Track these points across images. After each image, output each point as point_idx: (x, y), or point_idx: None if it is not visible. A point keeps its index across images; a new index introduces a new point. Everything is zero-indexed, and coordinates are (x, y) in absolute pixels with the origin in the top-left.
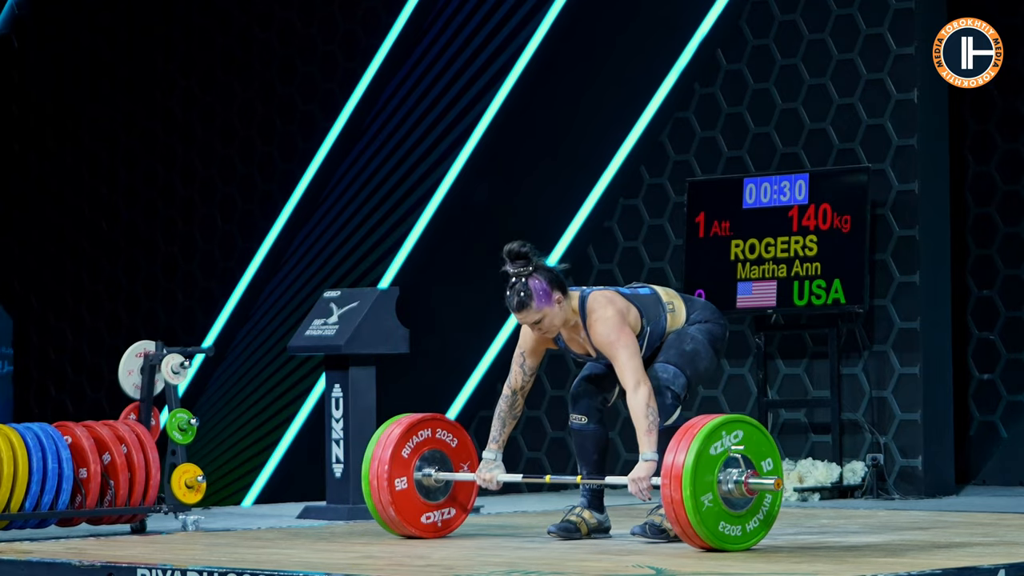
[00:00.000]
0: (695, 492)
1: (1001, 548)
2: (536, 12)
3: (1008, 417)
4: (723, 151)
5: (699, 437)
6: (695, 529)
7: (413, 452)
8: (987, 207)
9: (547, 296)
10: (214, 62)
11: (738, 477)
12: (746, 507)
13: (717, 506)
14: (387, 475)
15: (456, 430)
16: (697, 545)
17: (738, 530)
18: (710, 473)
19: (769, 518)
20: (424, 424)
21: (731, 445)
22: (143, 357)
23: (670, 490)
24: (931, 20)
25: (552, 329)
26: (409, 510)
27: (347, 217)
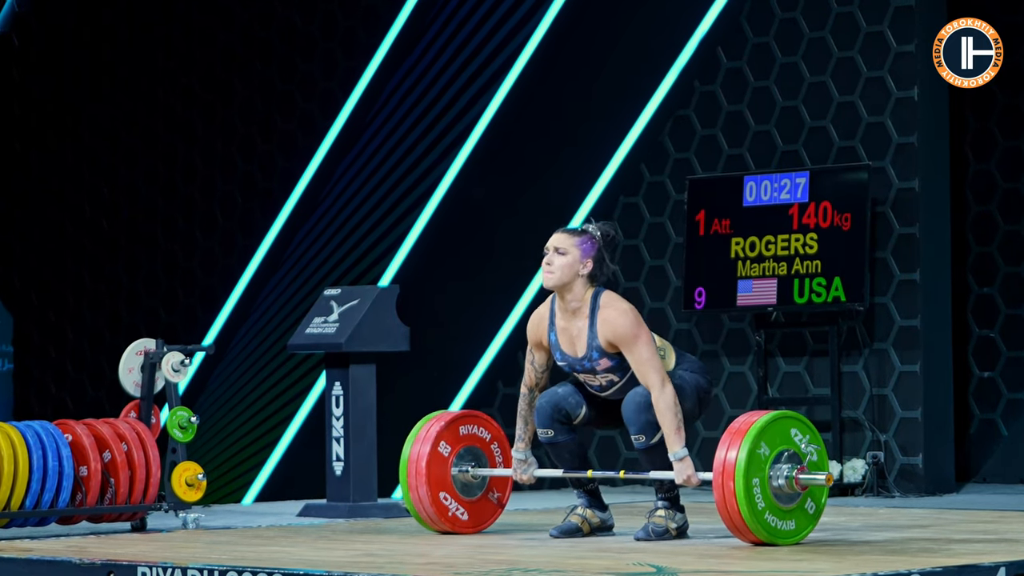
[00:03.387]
0: (747, 488)
1: (1002, 546)
2: (536, 10)
3: (1008, 415)
4: (723, 149)
5: (750, 434)
6: (747, 524)
7: (467, 437)
8: (987, 205)
9: (588, 251)
10: (214, 60)
11: (788, 472)
12: (794, 502)
13: (768, 501)
14: (437, 434)
15: (507, 456)
16: (748, 540)
17: (788, 524)
18: (761, 469)
19: (817, 512)
20: (489, 426)
21: (781, 441)
22: (143, 355)
23: (722, 486)
24: (931, 18)
25: (558, 269)
26: (437, 475)
27: (347, 215)
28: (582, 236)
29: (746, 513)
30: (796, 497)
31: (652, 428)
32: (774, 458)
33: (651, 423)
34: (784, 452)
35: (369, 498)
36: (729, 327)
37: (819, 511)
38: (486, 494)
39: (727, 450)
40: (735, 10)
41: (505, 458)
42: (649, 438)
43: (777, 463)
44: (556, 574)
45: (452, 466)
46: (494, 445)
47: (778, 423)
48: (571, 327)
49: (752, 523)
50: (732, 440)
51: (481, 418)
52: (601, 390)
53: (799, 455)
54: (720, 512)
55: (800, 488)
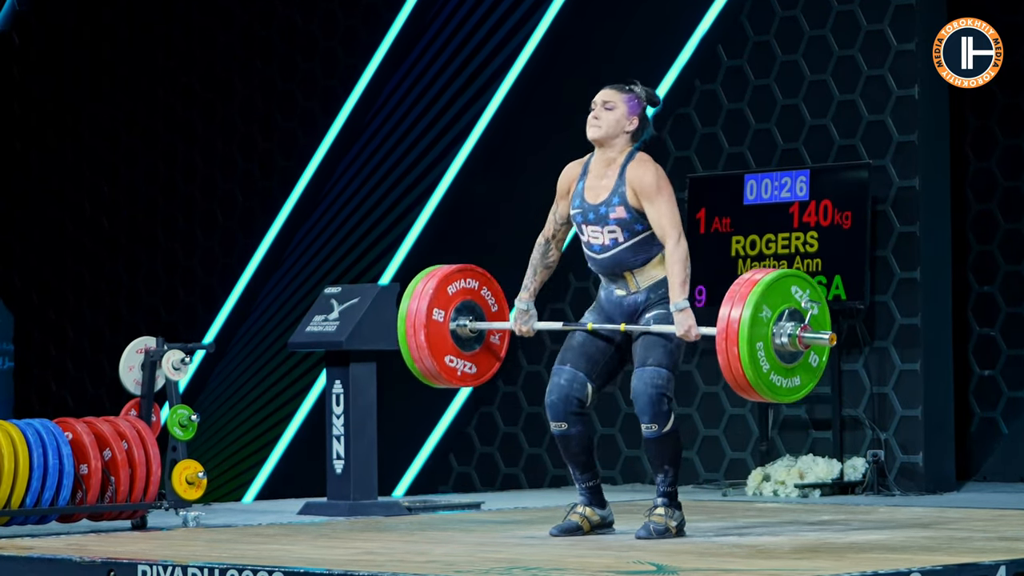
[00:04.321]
0: (751, 352)
1: (1002, 544)
2: (537, 8)
3: (1009, 413)
4: (724, 147)
5: (752, 297)
6: (752, 386)
7: (457, 294)
8: (988, 203)
9: (635, 109)
10: (214, 59)
11: (792, 331)
12: (798, 359)
13: (772, 362)
14: (428, 303)
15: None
16: (752, 398)
17: (792, 382)
18: (764, 332)
19: (821, 366)
20: (474, 274)
21: (783, 300)
22: (144, 353)
23: (726, 351)
24: (932, 16)
25: (605, 123)
26: (438, 344)
27: (348, 213)
28: (630, 94)
29: (751, 376)
30: (799, 354)
31: (664, 418)
32: (776, 317)
33: (663, 413)
34: (786, 310)
35: (369, 496)
36: None
37: (822, 364)
38: (487, 342)
39: (730, 312)
40: (735, 8)
41: (498, 301)
42: (661, 427)
43: (779, 322)
44: (556, 572)
45: (451, 321)
46: (484, 291)
47: (779, 283)
48: (601, 180)
49: (757, 385)
50: (734, 303)
51: (467, 270)
52: (602, 250)
53: (800, 312)
54: (725, 375)
55: (803, 347)
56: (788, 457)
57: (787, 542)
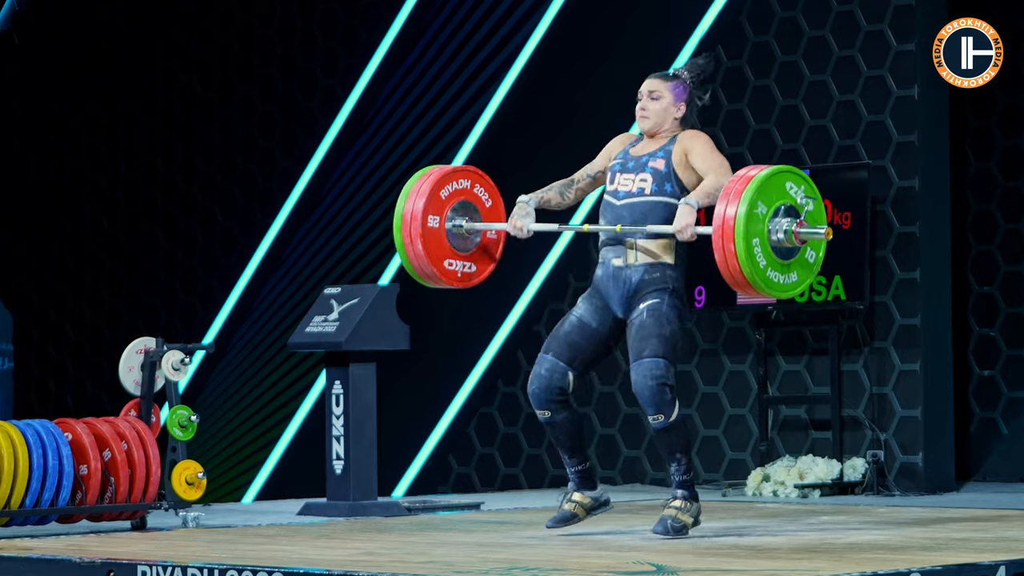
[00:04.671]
0: (748, 248)
1: (1002, 544)
2: (536, 8)
3: (1008, 413)
4: (724, 147)
5: (747, 194)
6: (749, 282)
7: (450, 197)
8: (988, 203)
9: (681, 95)
10: (214, 59)
11: (787, 227)
12: (795, 255)
13: (768, 258)
14: (421, 210)
15: (492, 190)
16: (750, 293)
17: (790, 277)
18: (760, 228)
19: (818, 261)
20: (465, 175)
21: (778, 197)
22: (143, 354)
23: (723, 248)
24: (931, 16)
25: (653, 113)
26: (436, 248)
27: (347, 214)
28: (675, 80)
29: (748, 272)
30: (796, 250)
31: (668, 407)
32: (772, 213)
33: (667, 402)
34: (781, 207)
35: (369, 497)
36: (729, 326)
37: (819, 260)
38: (484, 239)
39: (725, 209)
40: (735, 9)
41: (491, 196)
42: (667, 416)
43: (775, 218)
44: (556, 573)
45: (447, 221)
46: (477, 188)
47: (773, 179)
48: (644, 151)
49: (754, 281)
50: (730, 200)
51: (459, 171)
52: (625, 196)
53: (796, 208)
54: (722, 271)
55: (799, 242)
56: (788, 457)
57: (786, 542)
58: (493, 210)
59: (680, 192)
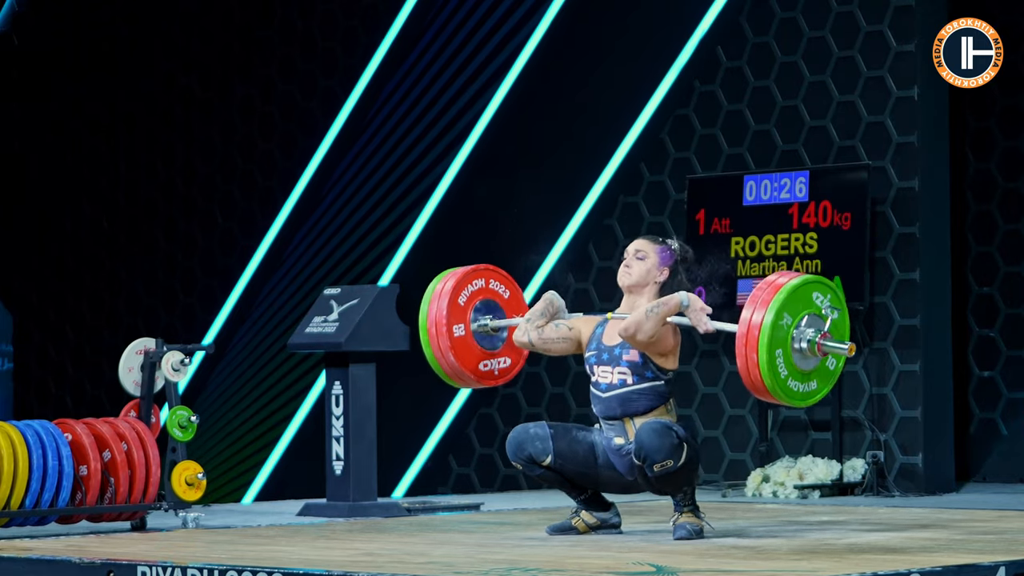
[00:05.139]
0: (771, 359)
1: (1001, 545)
2: (536, 9)
3: (1008, 414)
4: (723, 148)
5: (773, 305)
6: (769, 391)
7: (468, 301)
8: (987, 204)
9: (666, 260)
10: (214, 59)
11: (811, 337)
12: (816, 364)
13: (790, 369)
14: (445, 322)
15: (508, 281)
16: (765, 399)
17: (809, 386)
18: (784, 340)
19: (837, 368)
20: (477, 274)
21: (804, 307)
22: (143, 354)
23: (746, 357)
24: (931, 17)
25: (636, 272)
26: (467, 356)
27: (347, 214)
28: (663, 246)
29: (769, 382)
30: (817, 360)
31: (677, 451)
32: (796, 324)
33: (675, 447)
34: (806, 316)
35: (369, 497)
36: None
37: (839, 369)
38: (511, 333)
39: (751, 316)
40: (735, 9)
41: (508, 287)
42: (676, 461)
43: (799, 327)
44: (556, 573)
45: (470, 320)
46: (492, 283)
47: (801, 289)
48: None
49: (774, 390)
50: (756, 307)
51: (468, 275)
52: (608, 388)
53: (820, 317)
54: (742, 377)
55: (821, 354)
56: (787, 458)
57: (786, 543)
58: (512, 300)
59: (658, 372)
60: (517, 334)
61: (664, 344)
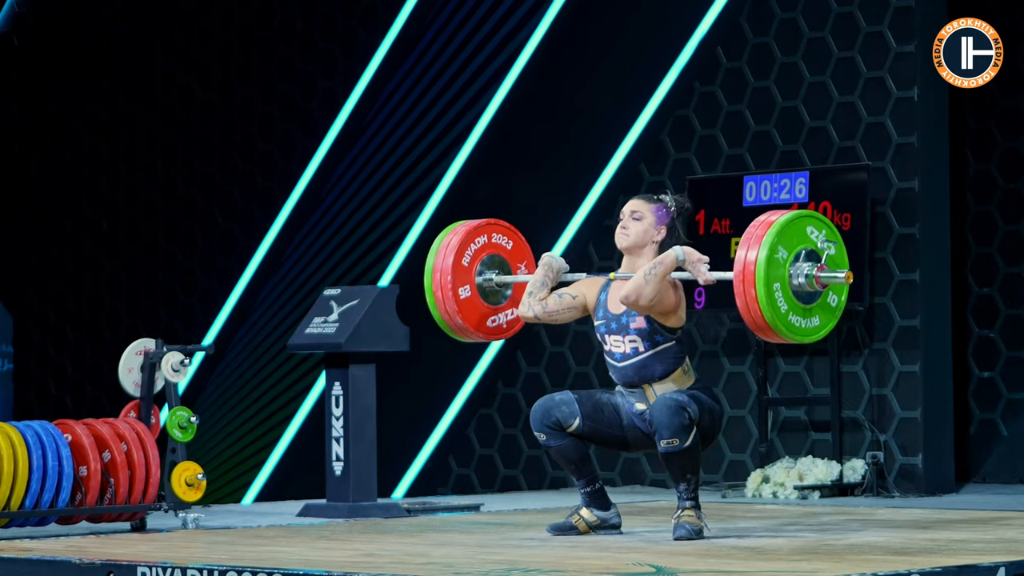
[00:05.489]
0: (769, 293)
1: (1001, 546)
2: (536, 10)
3: (1008, 415)
4: (723, 149)
5: (767, 238)
6: (771, 326)
7: (473, 259)
8: (987, 205)
9: (663, 218)
10: (214, 60)
11: (808, 271)
12: (816, 299)
13: (790, 303)
14: (451, 285)
15: (510, 232)
16: (772, 339)
17: (811, 321)
18: (780, 273)
19: (840, 305)
20: (480, 230)
21: (799, 241)
22: (143, 355)
23: (744, 293)
24: (931, 18)
25: (633, 233)
26: (475, 316)
27: (347, 215)
28: (658, 204)
29: (769, 317)
30: (818, 294)
31: (685, 432)
32: (792, 258)
33: (684, 427)
34: (802, 251)
35: (369, 498)
36: (729, 327)
37: (841, 304)
38: (517, 288)
39: (746, 253)
40: (735, 10)
41: (510, 237)
42: (683, 442)
43: (796, 262)
44: (556, 574)
45: (475, 275)
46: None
47: (794, 223)
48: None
49: (775, 325)
50: (750, 244)
51: (500, 226)
52: (623, 358)
53: (817, 252)
54: (743, 316)
55: (820, 286)
56: (787, 459)
57: (786, 544)
58: (516, 249)
59: (668, 333)
60: (522, 309)
61: (667, 303)
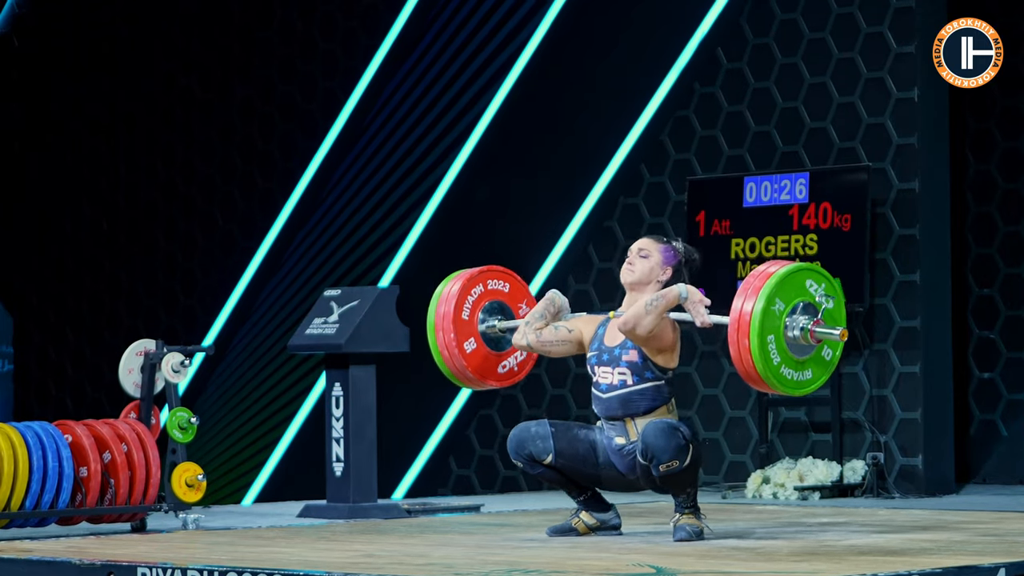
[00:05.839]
0: (762, 345)
1: (1002, 547)
2: (536, 11)
3: (1008, 415)
4: (723, 150)
5: (765, 290)
6: (763, 378)
7: (473, 309)
8: (987, 205)
9: (670, 260)
10: (214, 60)
11: (804, 325)
12: (810, 352)
13: (783, 355)
14: (455, 341)
15: (506, 276)
16: (760, 388)
17: (804, 375)
18: (776, 325)
19: (834, 360)
20: (475, 281)
21: (796, 294)
22: (143, 356)
23: (737, 343)
24: (931, 18)
25: (639, 270)
26: (484, 367)
27: (347, 216)
28: (667, 245)
29: (761, 369)
30: (811, 348)
31: (683, 452)
32: (789, 311)
33: (681, 447)
34: (799, 304)
35: (369, 499)
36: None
37: (835, 358)
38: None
39: (742, 304)
40: (735, 11)
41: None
42: (682, 462)
43: (792, 315)
44: (556, 575)
45: (479, 323)
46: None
47: (794, 276)
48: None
49: (767, 377)
50: (747, 295)
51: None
52: (609, 389)
53: (815, 306)
54: (736, 366)
55: (815, 341)
56: (788, 460)
57: (786, 545)
58: (515, 291)
59: (659, 372)
60: (516, 337)
61: (663, 340)
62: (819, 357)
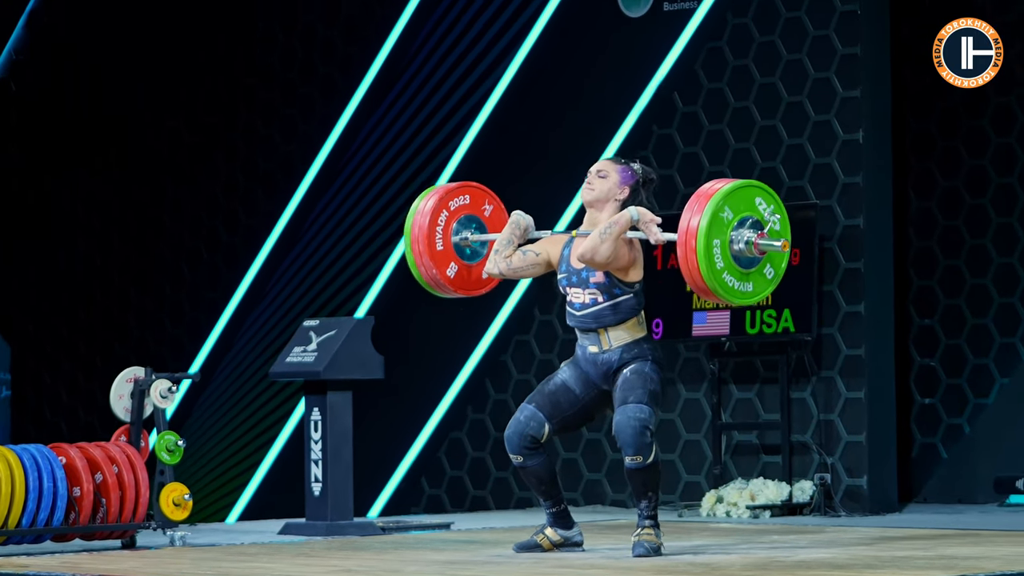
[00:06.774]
0: (708, 248)
1: (941, 562)
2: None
3: (947, 439)
4: (680, 189)
5: (715, 198)
6: (706, 282)
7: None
8: (928, 240)
9: (627, 180)
10: (199, 104)
11: (749, 237)
12: (754, 266)
13: (727, 262)
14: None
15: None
16: (708, 297)
17: (746, 286)
18: (723, 232)
19: (775, 277)
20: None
21: (746, 208)
22: (133, 382)
23: (685, 244)
24: (876, 65)
25: (598, 189)
26: (468, 284)
27: (325, 251)
28: (624, 166)
29: (704, 272)
30: (756, 261)
31: (648, 449)
32: (736, 223)
33: (646, 444)
34: (748, 219)
35: (346, 517)
36: (685, 356)
37: (777, 276)
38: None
39: (692, 212)
40: (690, 58)
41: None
42: (645, 458)
43: (739, 228)
44: None
45: (452, 234)
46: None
47: (743, 190)
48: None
49: (710, 281)
50: (698, 203)
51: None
52: (582, 307)
53: (761, 222)
54: (683, 271)
55: (759, 252)
56: (740, 480)
57: (739, 560)
58: (494, 214)
59: (626, 287)
60: (488, 266)
61: (622, 260)
62: (761, 272)
